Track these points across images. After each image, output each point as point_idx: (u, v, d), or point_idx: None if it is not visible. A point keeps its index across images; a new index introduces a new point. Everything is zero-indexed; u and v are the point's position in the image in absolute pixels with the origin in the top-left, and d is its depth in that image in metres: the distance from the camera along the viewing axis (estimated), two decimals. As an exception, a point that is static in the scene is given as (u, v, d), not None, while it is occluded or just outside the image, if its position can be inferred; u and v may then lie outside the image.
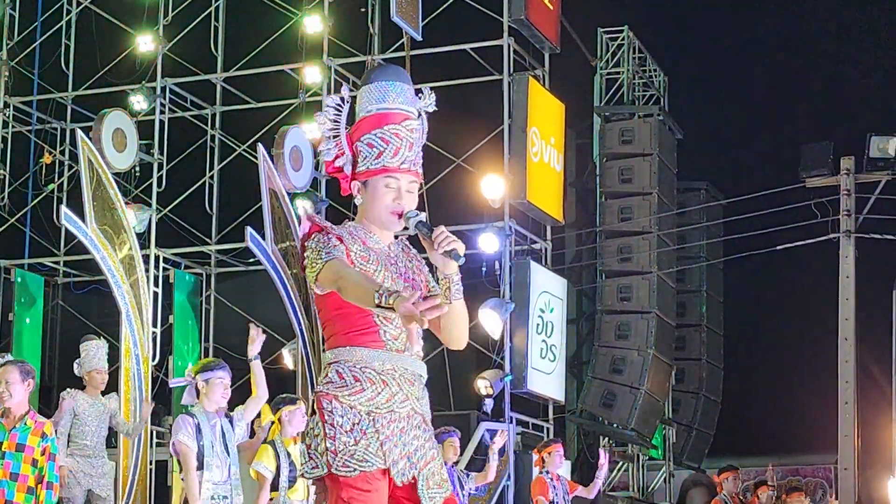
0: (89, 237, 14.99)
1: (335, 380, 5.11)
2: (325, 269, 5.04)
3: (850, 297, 19.21)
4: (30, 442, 8.84)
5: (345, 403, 5.09)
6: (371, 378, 5.12)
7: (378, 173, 5.22)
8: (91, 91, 19.67)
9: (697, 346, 22.25)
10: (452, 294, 5.15)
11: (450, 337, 5.32)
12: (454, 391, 18.37)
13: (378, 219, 5.24)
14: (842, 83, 24.41)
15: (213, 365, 9.47)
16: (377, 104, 5.28)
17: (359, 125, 5.27)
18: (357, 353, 5.13)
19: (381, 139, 5.24)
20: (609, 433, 20.09)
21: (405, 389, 5.19)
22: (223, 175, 19.67)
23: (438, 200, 18.13)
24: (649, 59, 22.03)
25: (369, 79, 5.33)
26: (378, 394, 5.12)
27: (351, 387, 5.09)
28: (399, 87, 5.35)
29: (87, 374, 12.90)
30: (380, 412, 5.12)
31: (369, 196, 5.23)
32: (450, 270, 5.10)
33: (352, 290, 4.93)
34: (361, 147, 5.24)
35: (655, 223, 19.55)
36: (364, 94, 5.30)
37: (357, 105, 5.32)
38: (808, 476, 24.58)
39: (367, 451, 5.05)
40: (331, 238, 5.13)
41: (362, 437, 5.06)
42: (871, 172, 19.27)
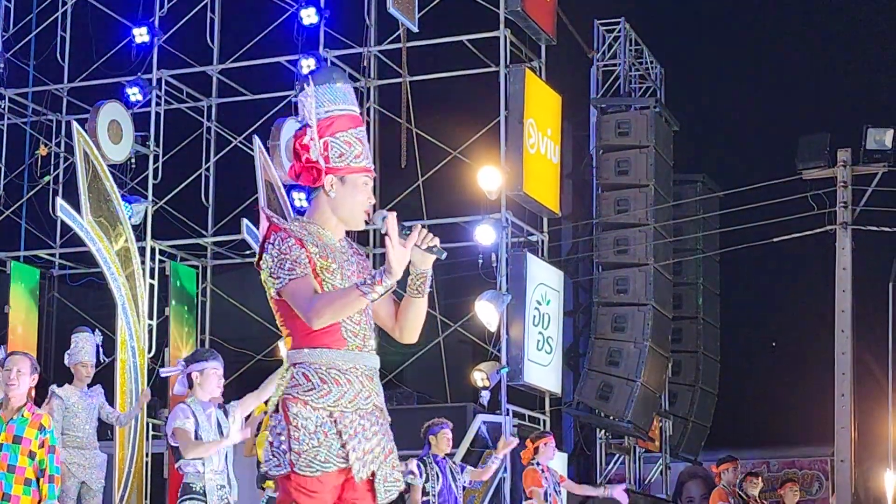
0: (85, 229, 15.00)
1: (302, 382, 5.23)
2: (290, 288, 5.19)
3: (846, 289, 19.19)
4: (27, 434, 8.86)
5: (310, 406, 5.20)
6: (337, 378, 5.25)
7: (359, 172, 5.37)
8: (87, 83, 19.63)
9: (694, 338, 22.24)
10: (425, 288, 5.35)
11: (407, 330, 5.47)
12: (450, 383, 18.37)
13: (349, 213, 5.39)
14: (838, 75, 24.40)
15: (206, 355, 9.46)
16: (342, 105, 5.43)
17: (330, 122, 5.37)
18: (321, 354, 5.25)
19: (356, 139, 5.40)
20: (605, 425, 20.09)
21: (367, 386, 5.33)
22: (219, 167, 19.65)
23: (435, 192, 18.13)
24: (646, 50, 22.00)
25: (330, 78, 5.44)
26: (344, 394, 5.26)
27: (318, 389, 5.22)
28: (352, 93, 5.54)
29: (73, 367, 12.91)
30: (345, 411, 5.24)
31: (346, 191, 5.35)
32: (426, 266, 5.30)
33: (332, 311, 5.10)
34: (336, 144, 5.36)
35: (652, 215, 19.53)
36: (327, 93, 5.41)
37: (314, 101, 5.40)
38: (804, 468, 24.59)
39: (330, 453, 5.19)
40: (291, 245, 5.23)
41: (324, 439, 5.19)
42: (868, 164, 19.26)
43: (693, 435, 22.46)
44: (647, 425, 20.04)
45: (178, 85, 19.34)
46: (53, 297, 20.02)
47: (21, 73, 19.98)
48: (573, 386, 19.92)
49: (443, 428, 12.47)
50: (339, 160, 5.33)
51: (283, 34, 18.70)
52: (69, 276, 20.14)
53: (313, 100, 5.39)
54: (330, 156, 5.34)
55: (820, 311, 20.33)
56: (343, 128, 5.36)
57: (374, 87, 19.04)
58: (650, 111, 20.05)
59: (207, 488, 9.12)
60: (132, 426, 15.37)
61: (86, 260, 18.41)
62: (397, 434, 5.48)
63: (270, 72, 19.10)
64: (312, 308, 5.09)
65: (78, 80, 19.74)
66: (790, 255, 21.27)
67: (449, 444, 12.56)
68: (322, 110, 5.38)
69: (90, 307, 19.84)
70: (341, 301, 5.10)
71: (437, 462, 12.35)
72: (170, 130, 19.03)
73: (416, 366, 18.58)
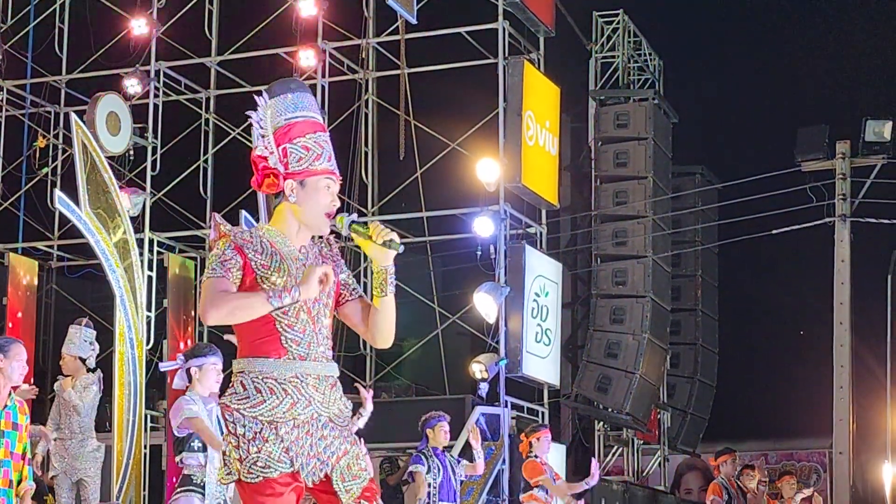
0: (83, 221, 14.98)
1: (238, 391, 5.24)
2: (204, 285, 5.21)
3: (845, 282, 19.20)
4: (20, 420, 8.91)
5: (247, 415, 5.21)
6: (272, 388, 5.23)
7: (319, 174, 5.35)
8: (85, 74, 19.62)
9: (692, 330, 22.24)
10: (388, 286, 5.33)
11: (378, 333, 5.45)
12: (449, 375, 18.38)
13: (310, 218, 5.37)
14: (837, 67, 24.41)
15: (205, 350, 9.45)
16: (301, 112, 5.43)
17: (287, 129, 5.38)
18: (259, 363, 5.24)
19: (316, 143, 5.39)
20: (604, 417, 20.09)
21: (307, 395, 5.28)
22: (217, 159, 19.64)
23: (433, 184, 18.13)
24: (644, 42, 21.99)
25: (288, 88, 5.46)
26: (279, 403, 5.24)
27: (252, 398, 5.22)
28: (314, 101, 5.55)
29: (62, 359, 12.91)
30: (282, 420, 5.23)
31: (307, 195, 5.34)
32: (387, 262, 5.30)
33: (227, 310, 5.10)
34: (294, 149, 5.35)
35: (650, 207, 19.53)
36: (284, 102, 5.42)
37: (272, 110, 5.42)
38: (802, 460, 24.62)
39: (270, 458, 5.19)
40: (224, 251, 5.24)
41: (264, 445, 5.19)
42: (867, 156, 19.27)
43: (691, 427, 22.48)
44: (646, 417, 20.06)
45: (177, 77, 19.32)
46: (52, 289, 20.01)
47: (19, 65, 19.96)
48: (572, 378, 19.92)
49: (440, 420, 12.47)
50: (298, 164, 5.33)
51: (281, 26, 18.68)
52: (67, 268, 20.14)
53: (270, 110, 5.40)
54: (289, 161, 5.34)
55: (818, 302, 20.35)
56: (301, 133, 5.36)
57: (372, 78, 19.03)
58: (649, 103, 20.04)
59: (207, 483, 9.12)
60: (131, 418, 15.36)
61: (84, 252, 18.41)
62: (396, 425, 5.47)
63: (269, 64, 19.09)
64: (210, 302, 5.09)
65: (76, 72, 19.72)
66: (789, 247, 21.29)
67: (446, 436, 12.56)
68: (280, 119, 5.39)
69: (88, 299, 19.83)
70: (242, 302, 5.10)
71: (436, 455, 12.35)
72: (168, 122, 19.01)
73: (414, 357, 18.60)
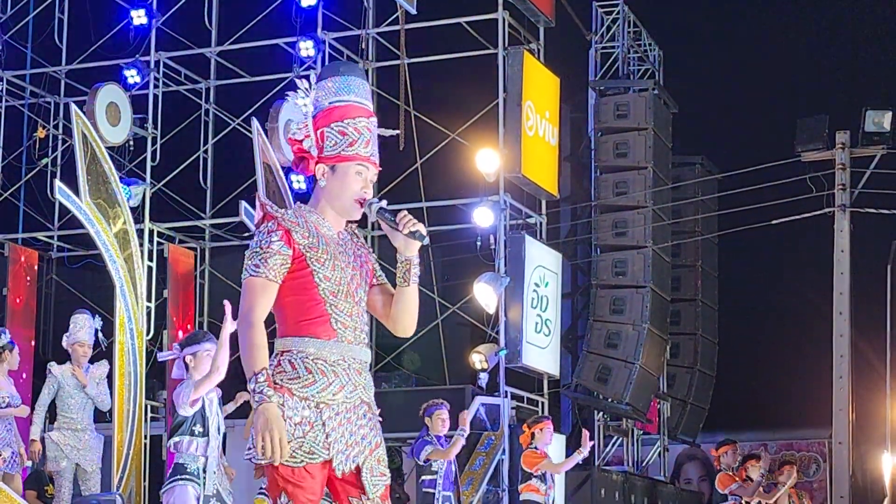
0: (83, 211, 14.98)
1: (287, 370, 5.19)
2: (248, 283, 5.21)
3: (844, 272, 19.21)
4: None
5: (296, 396, 5.15)
6: (322, 370, 5.20)
7: (351, 159, 5.32)
8: (85, 65, 19.61)
9: (692, 320, 22.26)
10: (411, 276, 5.32)
11: (398, 322, 5.44)
12: (449, 365, 18.39)
13: (341, 204, 5.35)
14: (837, 57, 24.39)
15: (199, 337, 9.45)
16: (345, 96, 5.39)
17: (327, 113, 5.36)
18: (308, 343, 5.21)
19: (354, 129, 5.35)
20: (604, 408, 20.10)
21: (353, 379, 5.27)
22: (217, 149, 19.63)
23: (433, 174, 18.13)
24: (644, 33, 21.97)
25: (336, 71, 5.45)
26: (328, 385, 5.21)
27: (303, 378, 5.17)
28: (364, 85, 5.49)
29: (71, 347, 12.93)
30: (328, 403, 5.20)
31: (336, 180, 5.33)
32: (411, 252, 5.30)
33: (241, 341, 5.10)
34: (331, 133, 5.34)
35: (650, 197, 19.53)
36: (329, 85, 5.41)
37: (317, 94, 5.42)
38: (802, 450, 24.64)
39: (315, 444, 5.15)
40: (273, 241, 5.21)
41: (310, 430, 5.14)
42: (867, 146, 19.27)
43: (691, 417, 22.50)
44: (646, 407, 20.07)
45: (177, 67, 19.31)
46: (52, 280, 20.02)
47: (19, 56, 19.95)
48: (571, 368, 19.94)
49: (439, 408, 12.51)
50: (332, 149, 5.32)
51: (281, 16, 18.68)
52: (67, 259, 20.14)
53: (316, 92, 5.40)
54: (324, 146, 5.33)
55: (818, 293, 20.35)
56: (340, 117, 5.34)
57: (372, 69, 19.02)
58: (649, 93, 20.04)
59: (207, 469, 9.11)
60: (131, 409, 15.38)
61: (84, 242, 18.40)
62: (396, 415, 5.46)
63: (269, 54, 19.08)
64: (242, 324, 5.11)
65: (76, 63, 19.72)
66: (789, 238, 21.29)
67: (444, 424, 12.60)
68: (325, 102, 5.38)
69: (88, 289, 19.83)
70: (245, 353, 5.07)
71: (439, 442, 12.41)
72: (168, 113, 19.00)
73: (414, 348, 18.60)
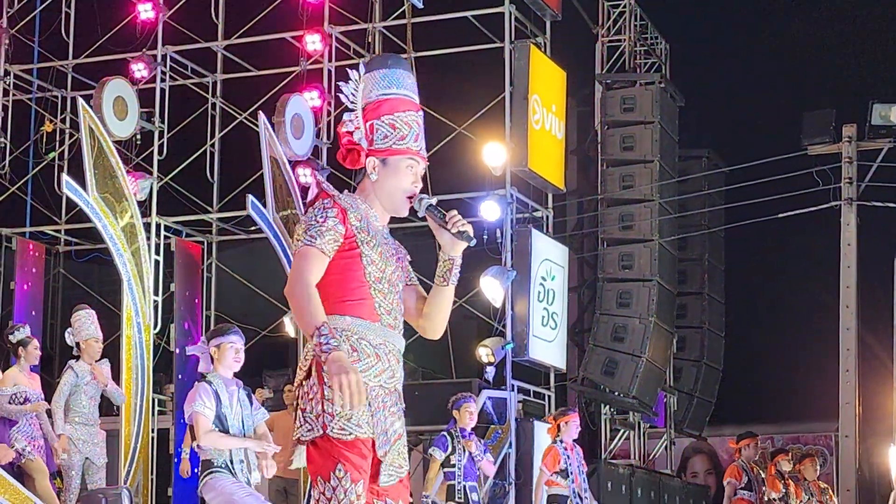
0: (90, 205, 15.02)
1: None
2: (302, 251, 5.12)
3: (851, 265, 19.21)
4: None
5: None
6: (367, 351, 5.18)
7: (402, 153, 5.31)
8: (92, 59, 19.61)
9: (699, 313, 22.24)
10: (451, 276, 5.35)
11: (430, 323, 5.47)
12: (456, 359, 18.39)
13: (390, 198, 5.32)
14: (844, 50, 24.35)
15: (224, 330, 9.42)
16: (394, 89, 5.34)
17: (376, 105, 5.31)
18: (353, 323, 5.18)
19: (404, 122, 5.32)
20: (610, 401, 20.11)
21: (392, 366, 5.26)
22: (224, 143, 19.64)
23: (440, 168, 18.10)
24: (651, 26, 21.96)
25: (384, 64, 5.38)
26: (371, 367, 5.18)
27: (349, 356, 5.08)
28: (411, 78, 5.44)
29: (85, 343, 12.92)
30: (370, 384, 5.15)
31: (388, 174, 5.30)
32: (456, 252, 5.33)
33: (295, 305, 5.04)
34: (381, 126, 5.29)
35: (657, 191, 19.51)
36: (378, 77, 5.34)
37: (365, 86, 5.36)
38: (808, 444, 24.64)
39: (361, 418, 5.10)
40: (329, 217, 5.15)
41: None
42: (873, 140, 19.27)
43: (698, 410, 22.50)
44: (652, 401, 20.08)
45: (183, 61, 19.32)
46: (59, 274, 20.05)
47: (26, 50, 19.95)
48: (578, 361, 19.94)
49: (467, 401, 12.56)
50: (383, 142, 5.28)
51: (287, 10, 18.67)
52: (75, 253, 20.16)
53: (364, 84, 5.34)
54: (374, 138, 5.28)
55: (824, 286, 20.34)
56: (390, 110, 5.30)
57: (378, 63, 18.98)
58: (655, 87, 20.02)
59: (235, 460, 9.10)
60: (138, 403, 15.42)
61: (91, 236, 18.43)
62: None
63: (275, 48, 19.08)
64: (297, 285, 5.03)
65: (83, 57, 19.72)
66: (795, 231, 21.27)
67: (472, 417, 12.66)
68: (374, 94, 5.32)
69: (96, 283, 19.88)
70: (308, 308, 5.00)
71: (463, 435, 12.44)
72: (175, 107, 19.01)
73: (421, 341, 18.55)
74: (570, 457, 13.21)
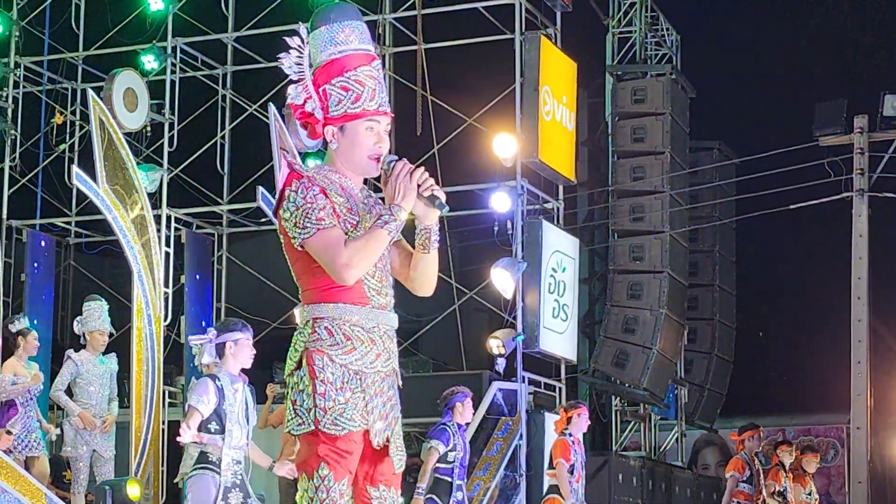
0: (101, 197, 15.00)
1: (325, 337, 5.01)
2: (318, 239, 4.94)
3: (863, 256, 19.15)
4: None
5: (336, 362, 5.00)
6: (360, 337, 5.04)
7: (358, 117, 5.10)
8: (102, 51, 19.62)
9: (710, 305, 22.21)
10: (431, 244, 5.11)
11: (418, 283, 5.23)
12: (466, 351, 18.38)
13: (356, 164, 5.13)
14: (856, 41, 24.30)
15: (240, 325, 9.29)
16: (342, 46, 5.14)
17: (325, 68, 5.12)
18: (343, 310, 5.02)
19: (356, 82, 5.11)
20: (621, 393, 20.09)
21: (387, 347, 5.13)
22: (234, 135, 19.64)
23: (450, 160, 18.10)
24: (661, 17, 21.91)
25: (327, 19, 5.16)
26: (367, 353, 5.06)
27: (343, 345, 5.01)
28: (360, 27, 5.22)
29: (89, 335, 12.97)
30: (368, 371, 5.06)
31: (347, 141, 5.11)
32: (430, 221, 5.08)
33: (363, 259, 4.90)
34: (333, 91, 5.10)
35: (668, 182, 19.48)
36: (323, 36, 5.15)
37: (313, 47, 5.16)
38: (820, 436, 24.60)
39: (354, 411, 4.99)
40: (316, 195, 4.99)
41: (351, 396, 4.99)
42: (885, 131, 19.20)
43: (708, 402, 22.47)
44: (663, 393, 20.05)
45: (193, 53, 19.32)
46: (69, 266, 20.06)
47: (36, 42, 19.96)
48: (589, 353, 19.93)
49: (466, 397, 12.44)
50: (337, 108, 5.09)
51: (297, 0, 18.64)
52: (85, 245, 20.18)
53: (310, 48, 5.14)
54: (329, 105, 5.10)
55: (836, 278, 20.29)
56: (339, 71, 5.09)
57: (389, 54, 18.99)
58: (666, 78, 19.98)
59: (223, 462, 9.07)
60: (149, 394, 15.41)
61: (101, 228, 18.44)
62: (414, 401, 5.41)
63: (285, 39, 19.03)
64: (344, 260, 4.87)
65: (93, 49, 19.72)
66: (806, 223, 21.22)
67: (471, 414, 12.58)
68: (322, 56, 5.12)
69: (106, 275, 19.90)
70: (369, 246, 4.89)
71: (460, 430, 12.34)
72: (185, 98, 19.01)
73: (431, 333, 18.60)
74: (576, 451, 13.12)
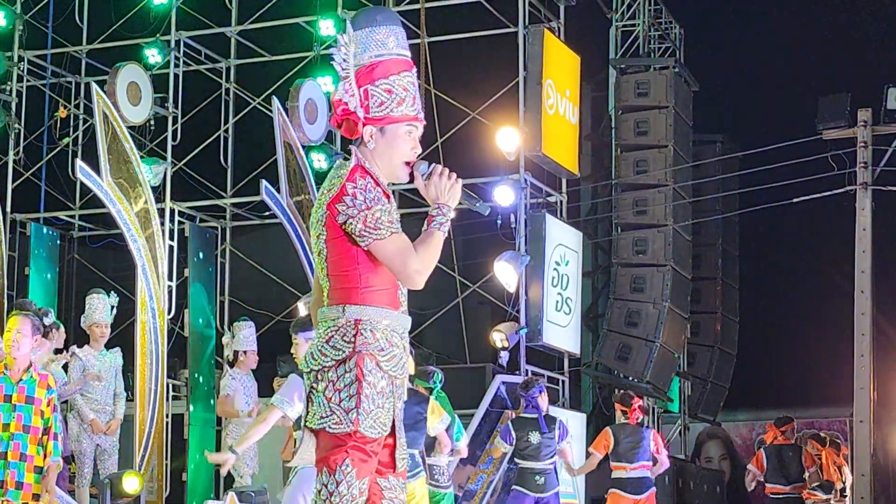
0: (104, 191, 15.02)
1: (370, 339, 5.01)
2: (392, 243, 4.96)
3: (866, 250, 19.15)
4: (37, 394, 8.99)
5: (383, 369, 5.03)
6: (396, 342, 5.08)
7: (400, 121, 5.10)
8: (105, 44, 19.61)
9: (713, 299, 22.22)
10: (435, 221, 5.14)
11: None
12: (469, 344, 18.39)
13: (390, 166, 5.13)
14: (859, 34, 24.27)
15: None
16: (386, 49, 5.13)
17: (371, 69, 5.09)
18: (382, 314, 5.04)
19: (400, 86, 5.11)
20: (624, 386, 20.08)
21: (407, 350, 5.20)
22: (238, 128, 19.64)
23: (453, 153, 18.10)
24: (665, 10, 21.91)
25: (373, 20, 5.14)
26: (401, 358, 5.11)
27: (387, 351, 5.04)
28: (402, 33, 5.22)
29: (88, 328, 13.02)
30: (397, 376, 5.11)
31: (386, 142, 5.10)
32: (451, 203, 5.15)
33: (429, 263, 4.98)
34: (376, 92, 5.08)
35: (671, 176, 19.47)
36: (368, 37, 5.13)
37: (357, 46, 5.13)
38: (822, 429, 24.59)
39: (388, 416, 5.04)
40: (380, 196, 5.01)
41: (386, 402, 5.03)
42: (889, 124, 19.19)
43: (712, 396, 22.48)
44: (666, 386, 20.07)
45: (197, 46, 19.31)
46: (73, 259, 20.07)
47: (40, 35, 19.96)
48: (592, 347, 19.94)
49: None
50: (379, 109, 5.07)
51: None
52: (89, 238, 20.19)
53: (353, 47, 5.12)
54: (370, 105, 5.07)
55: (840, 271, 20.30)
56: (384, 74, 5.08)
57: (392, 48, 18.95)
58: (669, 71, 19.97)
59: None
60: (153, 388, 15.44)
61: (105, 221, 18.44)
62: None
63: (289, 33, 19.07)
64: (417, 266, 4.93)
65: (97, 42, 19.72)
66: (810, 216, 21.22)
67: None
68: (366, 56, 5.10)
69: (110, 268, 19.90)
70: (432, 249, 4.96)
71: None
72: (189, 92, 19.01)
73: (435, 326, 18.62)
74: None
